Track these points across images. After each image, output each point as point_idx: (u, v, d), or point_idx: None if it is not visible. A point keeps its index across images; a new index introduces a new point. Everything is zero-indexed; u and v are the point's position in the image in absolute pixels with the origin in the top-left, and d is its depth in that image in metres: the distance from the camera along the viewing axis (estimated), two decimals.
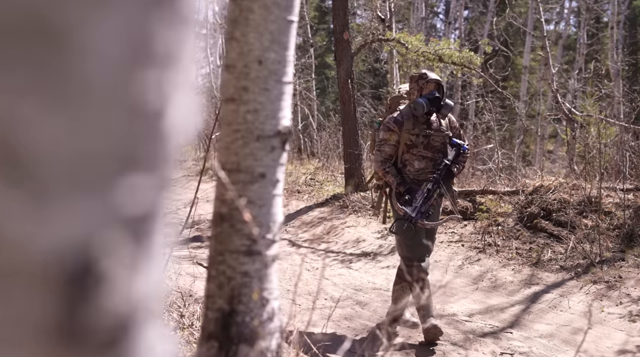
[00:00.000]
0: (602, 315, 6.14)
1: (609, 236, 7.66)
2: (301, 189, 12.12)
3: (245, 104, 2.16)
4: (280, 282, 7.07)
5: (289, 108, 2.24)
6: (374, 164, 5.60)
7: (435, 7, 33.68)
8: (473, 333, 5.92)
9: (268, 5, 2.15)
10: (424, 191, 5.22)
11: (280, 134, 2.19)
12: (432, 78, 5.39)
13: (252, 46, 2.16)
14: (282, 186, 2.25)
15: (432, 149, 5.38)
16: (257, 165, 2.17)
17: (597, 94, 13.03)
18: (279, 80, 2.18)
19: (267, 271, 2.19)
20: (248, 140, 2.16)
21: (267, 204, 2.19)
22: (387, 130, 5.37)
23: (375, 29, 12.32)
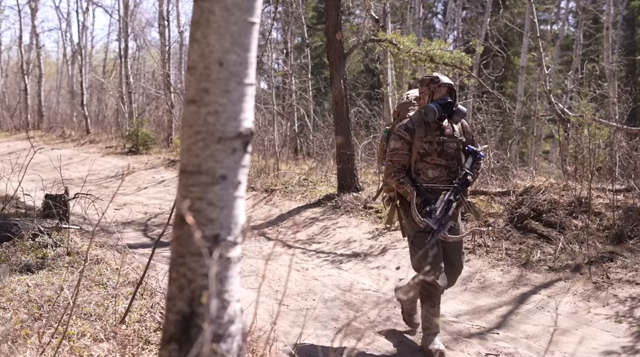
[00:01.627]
0: (589, 316, 6.13)
1: (599, 236, 7.65)
2: (294, 190, 12.11)
3: (206, 106, 2.16)
4: (269, 282, 7.08)
5: (251, 110, 2.23)
6: (386, 175, 5.23)
7: (434, 8, 33.74)
8: (460, 334, 5.91)
9: (229, 7, 2.15)
10: (444, 201, 4.93)
11: (241, 136, 2.19)
12: (444, 82, 5.11)
13: (212, 48, 2.15)
14: (244, 187, 2.25)
15: (447, 157, 5.13)
16: (218, 167, 2.16)
17: (590, 94, 13.02)
18: (241, 82, 2.18)
19: (228, 273, 2.19)
20: (209, 142, 2.16)
21: (228, 206, 2.19)
22: (398, 138, 5.12)
23: (368, 29, 12.30)
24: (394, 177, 5.09)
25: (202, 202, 2.16)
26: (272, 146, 15.06)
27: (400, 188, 5.09)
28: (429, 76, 5.21)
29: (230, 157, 2.18)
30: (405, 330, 5.97)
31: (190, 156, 2.19)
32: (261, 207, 11.46)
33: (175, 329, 2.14)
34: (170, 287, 2.20)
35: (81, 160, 15.89)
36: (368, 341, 5.70)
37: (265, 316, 5.87)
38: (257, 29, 2.23)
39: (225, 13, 2.15)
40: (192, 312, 2.13)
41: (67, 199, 7.08)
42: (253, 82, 2.23)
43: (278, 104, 21.03)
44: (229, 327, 2.17)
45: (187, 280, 2.14)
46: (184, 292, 2.15)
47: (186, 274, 2.14)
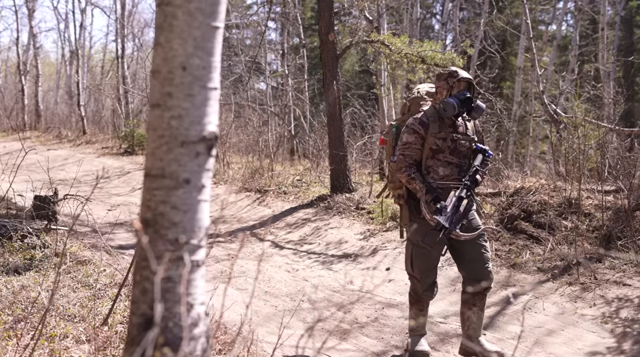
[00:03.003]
0: (575, 317, 6.14)
1: (588, 237, 7.66)
2: (288, 190, 12.12)
3: (170, 110, 2.17)
4: (259, 283, 7.09)
5: (215, 114, 2.25)
6: (396, 170, 4.99)
7: (432, 8, 33.71)
8: (446, 335, 5.93)
9: (192, 12, 2.16)
10: (455, 198, 4.69)
11: (205, 139, 2.20)
12: (463, 76, 4.92)
13: (176, 52, 2.17)
14: (208, 191, 2.26)
15: (459, 155, 4.94)
16: (181, 171, 2.18)
17: (584, 95, 13.03)
18: (204, 86, 2.19)
19: (191, 276, 2.20)
20: (172, 146, 2.17)
21: (192, 209, 2.20)
22: (411, 132, 4.91)
23: (362, 30, 12.31)
24: (405, 171, 4.87)
25: (166, 205, 2.18)
26: (267, 147, 15.07)
27: (410, 183, 4.87)
28: (447, 70, 5.02)
29: (193, 161, 2.19)
30: (392, 331, 5.99)
31: (154, 160, 2.20)
32: (254, 208, 11.46)
33: (138, 332, 2.16)
34: (134, 290, 2.22)
35: (76, 160, 15.85)
36: (355, 341, 5.72)
37: (253, 317, 5.87)
38: (222, 33, 2.24)
39: (188, 17, 2.16)
40: (153, 315, 2.14)
41: (56, 200, 7.09)
42: (217, 86, 2.24)
43: (275, 104, 21.07)
44: (193, 329, 2.19)
45: (150, 283, 2.15)
46: (147, 295, 2.16)
47: (149, 277, 2.15)
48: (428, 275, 5.04)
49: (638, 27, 29.72)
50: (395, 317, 6.40)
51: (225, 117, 17.93)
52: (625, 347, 5.48)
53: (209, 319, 2.26)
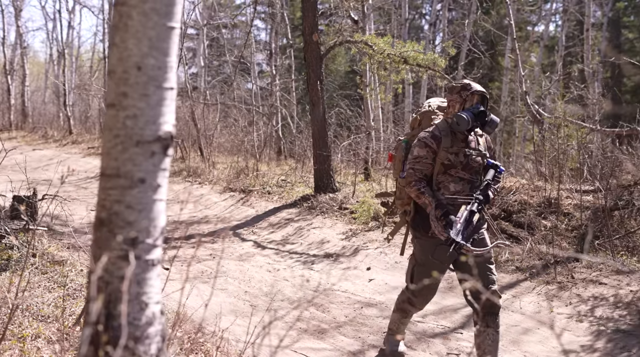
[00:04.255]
0: (551, 315, 6.18)
1: (567, 237, 7.71)
2: (272, 191, 12.14)
3: (125, 110, 2.18)
4: (239, 283, 7.10)
5: (171, 114, 2.25)
6: (405, 184, 4.81)
7: (421, 9, 33.79)
8: (424, 334, 5.95)
9: (147, 12, 2.17)
10: (467, 212, 4.50)
11: (161, 139, 2.21)
12: (476, 89, 4.74)
13: (131, 52, 2.18)
14: (164, 190, 2.27)
15: (471, 170, 4.74)
16: (136, 171, 2.19)
17: (568, 96, 13.09)
18: (160, 86, 2.20)
19: (146, 275, 2.21)
20: (127, 145, 2.18)
21: (147, 208, 2.21)
22: (423, 146, 4.72)
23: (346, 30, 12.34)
24: (415, 186, 4.68)
25: (121, 205, 2.19)
26: (253, 147, 15.07)
27: (419, 198, 4.68)
28: (459, 83, 4.85)
29: (149, 160, 2.20)
30: (370, 330, 6.01)
31: (109, 159, 2.21)
32: (238, 208, 11.47)
33: (92, 331, 2.16)
34: (89, 289, 2.22)
35: (62, 160, 15.82)
36: (332, 341, 5.74)
37: (232, 317, 5.89)
38: (177, 33, 2.25)
39: (143, 18, 2.17)
40: (109, 314, 2.15)
41: (35, 200, 7.07)
42: (173, 86, 2.25)
43: (262, 104, 21.06)
44: (147, 329, 2.19)
45: (105, 282, 2.16)
46: (102, 294, 2.17)
47: (103, 276, 2.16)
48: (428, 294, 4.94)
49: (625, 28, 29.88)
50: (374, 316, 6.43)
51: (213, 118, 17.94)
52: (599, 345, 5.52)
53: (164, 318, 2.27)
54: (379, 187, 11.36)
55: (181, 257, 8.34)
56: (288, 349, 5.46)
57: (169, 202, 11.96)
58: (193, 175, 14.38)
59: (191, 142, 17.14)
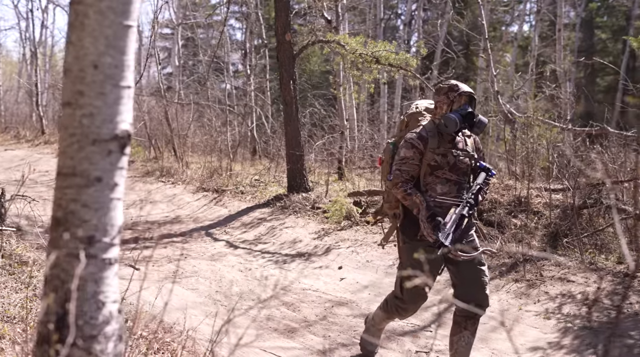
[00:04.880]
0: (520, 313, 6.24)
1: (536, 235, 7.78)
2: (245, 190, 12.13)
3: (81, 108, 2.17)
4: (210, 283, 7.08)
5: (128, 112, 2.25)
6: (392, 185, 4.72)
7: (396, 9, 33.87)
8: (393, 332, 5.98)
9: (103, 10, 2.16)
10: (456, 215, 4.43)
11: (117, 138, 2.21)
12: (464, 90, 4.65)
13: (87, 50, 2.17)
14: (121, 189, 2.26)
15: (458, 172, 4.66)
16: (92, 169, 2.18)
17: (540, 95, 13.20)
18: (117, 85, 2.20)
19: (103, 274, 2.20)
20: (84, 144, 2.17)
21: (104, 207, 2.20)
22: (410, 147, 4.64)
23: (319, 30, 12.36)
24: (401, 187, 4.60)
25: (77, 204, 2.18)
26: (227, 147, 15.05)
27: (406, 200, 4.59)
28: (447, 84, 4.75)
29: (105, 159, 2.19)
30: (340, 329, 6.02)
31: (65, 158, 2.20)
32: (211, 208, 11.45)
33: (49, 331, 2.15)
34: (46, 288, 2.21)
35: (34, 161, 15.71)
36: (302, 340, 5.75)
37: (202, 316, 5.88)
38: (134, 32, 2.25)
39: (99, 16, 2.16)
40: (65, 313, 2.14)
41: (4, 200, 7.02)
42: (130, 85, 2.25)
43: (237, 104, 21.02)
44: (104, 327, 2.19)
45: (61, 281, 2.15)
46: (58, 293, 2.16)
47: (60, 275, 2.15)
48: (418, 300, 4.80)
49: (598, 29, 30.16)
50: (344, 315, 6.45)
51: (187, 118, 17.88)
52: (565, 342, 5.59)
53: (122, 317, 2.26)
54: (353, 186, 11.39)
55: (152, 257, 8.31)
56: (258, 349, 5.47)
57: (142, 202, 11.91)
58: (166, 175, 14.32)
59: (165, 142, 17.07)
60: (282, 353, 5.39)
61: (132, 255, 8.14)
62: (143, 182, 14.15)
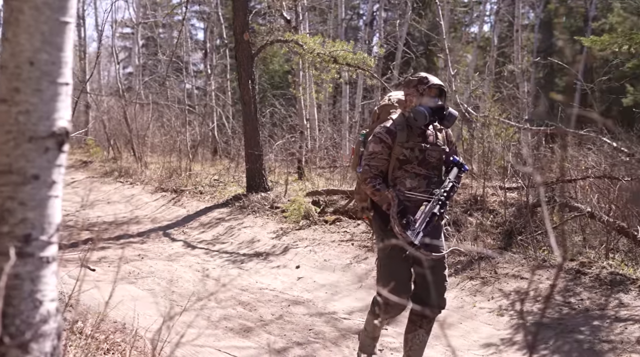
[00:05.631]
0: (474, 310, 6.31)
1: (492, 233, 7.86)
2: (204, 190, 12.08)
3: (17, 105, 2.14)
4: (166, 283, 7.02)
5: (66, 109, 2.23)
6: (361, 181, 4.65)
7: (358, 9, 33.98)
8: (349, 330, 6.00)
9: (39, 6, 2.14)
10: (427, 213, 4.34)
11: (55, 135, 2.18)
12: (433, 83, 4.54)
13: (23, 47, 2.14)
14: (60, 187, 2.24)
15: (428, 166, 4.56)
16: (29, 167, 2.15)
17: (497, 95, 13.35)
18: (53, 81, 2.17)
19: (40, 273, 2.18)
20: (20, 141, 2.14)
21: (41, 205, 2.18)
22: (378, 142, 4.54)
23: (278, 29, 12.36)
24: (370, 183, 4.51)
25: (14, 201, 2.15)
26: (186, 147, 14.97)
27: (375, 195, 4.51)
28: (417, 76, 4.65)
29: (42, 156, 2.17)
30: (296, 327, 6.03)
31: (1, 156, 2.17)
32: (169, 208, 11.38)
33: None
34: None
35: None
36: (257, 339, 5.74)
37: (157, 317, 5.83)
38: (72, 28, 2.23)
39: (35, 12, 2.14)
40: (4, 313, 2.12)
41: None
42: (68, 82, 2.22)
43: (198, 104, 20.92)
44: (42, 326, 2.16)
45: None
46: None
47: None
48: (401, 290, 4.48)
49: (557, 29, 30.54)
50: (301, 314, 6.45)
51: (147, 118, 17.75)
52: (517, 338, 5.66)
53: (60, 316, 2.24)
54: (312, 186, 11.40)
55: (109, 258, 8.25)
56: (212, 348, 5.45)
57: (99, 202, 11.81)
58: (125, 176, 14.21)
59: (124, 143, 16.93)
60: (236, 352, 5.38)
61: (87, 256, 8.08)
62: (101, 182, 14.03)
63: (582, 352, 5.25)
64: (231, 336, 5.82)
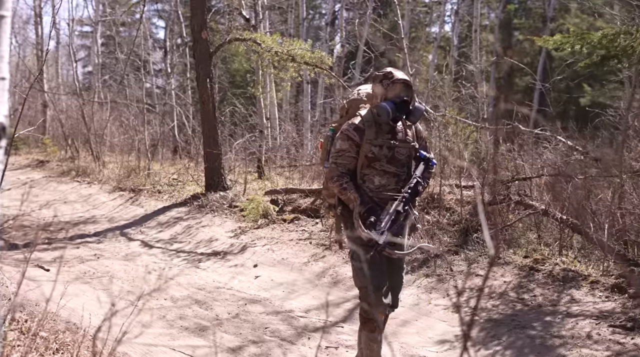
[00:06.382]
0: (429, 307, 6.35)
1: (448, 231, 7.93)
2: (162, 190, 12.00)
3: None
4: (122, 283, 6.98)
5: (3, 104, 2.19)
6: (327, 179, 4.58)
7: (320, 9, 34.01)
8: (305, 328, 6.00)
9: None
10: (392, 212, 4.26)
11: None
12: (398, 77, 4.42)
13: None
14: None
15: (397, 163, 4.46)
16: None
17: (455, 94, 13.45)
18: None
19: None
20: None
21: None
22: (346, 139, 4.44)
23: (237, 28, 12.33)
24: (337, 181, 4.41)
25: None
26: (145, 146, 14.85)
27: (342, 194, 4.43)
28: (382, 72, 4.56)
29: None
30: (251, 326, 6.01)
31: None
32: (127, 208, 11.28)
33: None
34: None
35: None
36: (212, 338, 5.72)
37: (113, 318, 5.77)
38: (8, 22, 2.19)
39: None
40: None
41: None
42: (5, 76, 2.19)
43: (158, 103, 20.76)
44: None
45: None
46: None
47: None
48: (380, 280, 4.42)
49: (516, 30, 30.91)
50: (257, 313, 6.44)
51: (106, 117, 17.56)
52: (471, 335, 5.71)
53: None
54: (272, 185, 11.39)
55: (64, 258, 8.15)
56: (166, 348, 5.42)
57: (56, 202, 11.67)
58: (82, 175, 14.06)
59: (83, 142, 16.73)
60: (191, 352, 5.35)
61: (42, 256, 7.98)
62: (58, 182, 13.86)
63: (533, 347, 5.32)
64: (186, 335, 5.79)
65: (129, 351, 5.22)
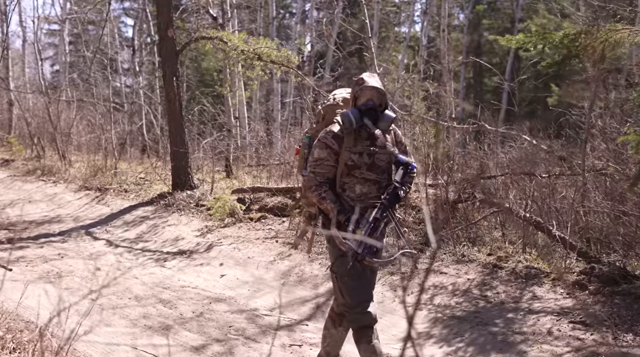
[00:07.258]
0: (394, 305, 6.38)
1: (414, 229, 7.97)
2: (129, 189, 11.91)
3: None
4: (86, 282, 6.90)
5: None
6: (307, 188, 4.45)
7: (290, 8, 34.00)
8: (269, 327, 5.99)
9: None
10: (370, 220, 4.17)
11: None
12: (367, 84, 4.28)
13: None
14: None
15: (377, 170, 4.34)
16: None
17: (423, 93, 13.54)
18: None
19: None
20: None
21: None
22: (324, 147, 4.32)
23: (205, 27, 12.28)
24: (315, 191, 4.29)
25: None
26: (111, 145, 14.73)
27: (321, 204, 4.31)
28: (356, 77, 4.42)
29: None
30: (216, 325, 5.99)
31: None
32: (93, 207, 11.18)
33: None
34: None
35: None
36: (175, 337, 5.69)
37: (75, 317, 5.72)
38: None
39: None
40: None
41: None
42: None
43: (126, 102, 20.61)
44: None
45: None
46: None
47: None
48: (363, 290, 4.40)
49: (485, 30, 31.15)
50: (222, 311, 6.42)
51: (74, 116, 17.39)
52: (435, 332, 5.75)
53: None
54: (240, 184, 11.37)
55: (27, 257, 8.07)
56: (129, 347, 5.38)
57: (20, 201, 11.53)
58: (48, 174, 13.89)
59: (49, 141, 16.55)
60: (154, 351, 5.32)
61: (4, 255, 7.88)
62: (23, 181, 13.69)
63: (495, 344, 5.37)
64: (149, 334, 5.76)
65: (89, 350, 5.18)
